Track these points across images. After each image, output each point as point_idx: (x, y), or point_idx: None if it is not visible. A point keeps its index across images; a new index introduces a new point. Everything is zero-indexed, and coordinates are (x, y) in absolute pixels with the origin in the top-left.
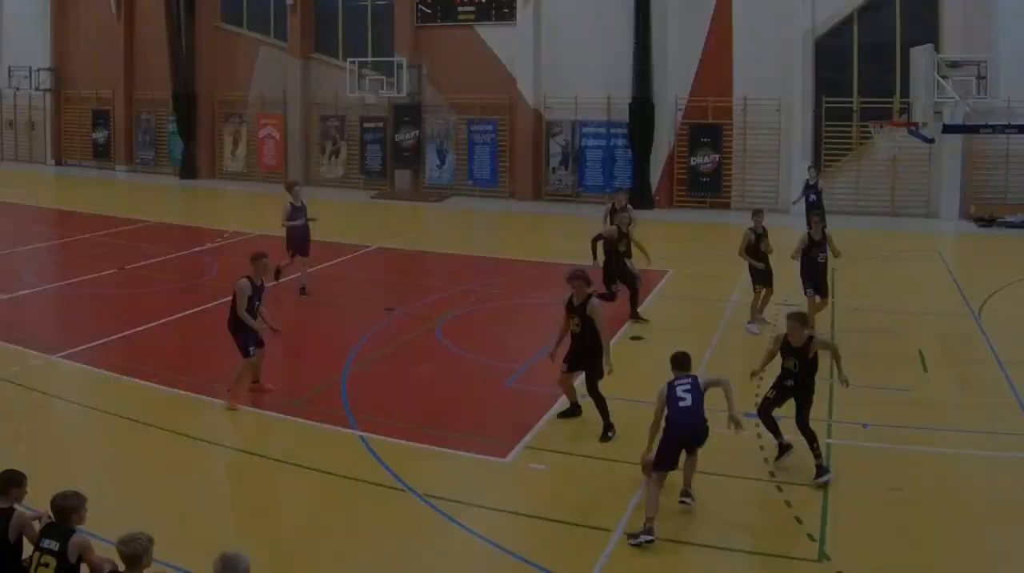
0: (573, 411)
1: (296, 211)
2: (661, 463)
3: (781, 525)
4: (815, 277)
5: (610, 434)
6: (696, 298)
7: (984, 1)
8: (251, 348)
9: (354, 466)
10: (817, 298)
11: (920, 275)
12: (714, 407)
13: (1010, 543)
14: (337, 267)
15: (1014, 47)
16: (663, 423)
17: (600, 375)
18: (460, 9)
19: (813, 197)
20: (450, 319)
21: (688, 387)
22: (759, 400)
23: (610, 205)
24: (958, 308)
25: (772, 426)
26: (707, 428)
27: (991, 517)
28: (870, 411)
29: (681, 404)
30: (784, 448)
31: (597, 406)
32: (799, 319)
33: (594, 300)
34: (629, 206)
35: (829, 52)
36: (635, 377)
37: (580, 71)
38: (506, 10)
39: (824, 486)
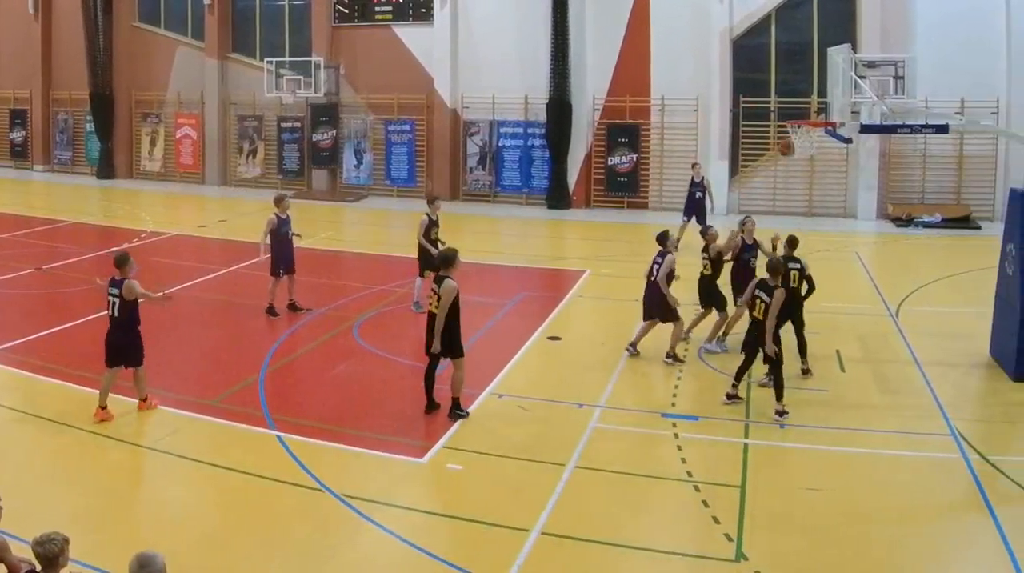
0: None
1: (283, 224)
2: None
3: (698, 525)
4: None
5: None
6: (613, 298)
7: (901, 1)
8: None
9: (272, 466)
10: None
11: (838, 275)
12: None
13: (927, 543)
14: (253, 268)
15: (931, 47)
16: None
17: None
18: (377, 9)
19: (699, 194)
20: (367, 319)
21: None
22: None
23: (425, 218)
24: (876, 308)
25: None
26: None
27: (909, 517)
28: (788, 411)
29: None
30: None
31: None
32: None
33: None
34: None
35: (747, 52)
36: (552, 376)
37: (497, 71)
38: (423, 10)
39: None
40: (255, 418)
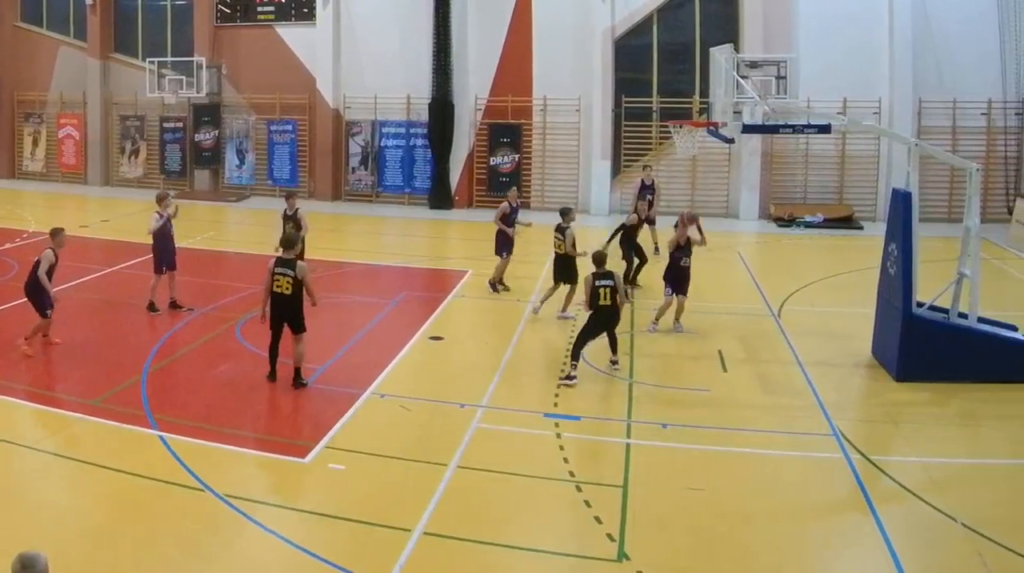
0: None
1: (166, 222)
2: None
3: (580, 525)
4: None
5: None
6: (495, 298)
7: (784, 1)
8: (48, 310)
9: (153, 466)
10: (675, 298)
11: (720, 275)
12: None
13: (809, 542)
14: (135, 268)
15: (814, 48)
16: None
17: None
18: (260, 9)
19: (650, 197)
20: (249, 319)
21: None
22: None
23: (284, 210)
24: (758, 308)
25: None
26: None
27: (791, 516)
28: (669, 411)
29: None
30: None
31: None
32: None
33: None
34: (299, 209)
35: (629, 52)
36: (434, 376)
37: (380, 71)
38: (306, 10)
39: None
40: (137, 418)
